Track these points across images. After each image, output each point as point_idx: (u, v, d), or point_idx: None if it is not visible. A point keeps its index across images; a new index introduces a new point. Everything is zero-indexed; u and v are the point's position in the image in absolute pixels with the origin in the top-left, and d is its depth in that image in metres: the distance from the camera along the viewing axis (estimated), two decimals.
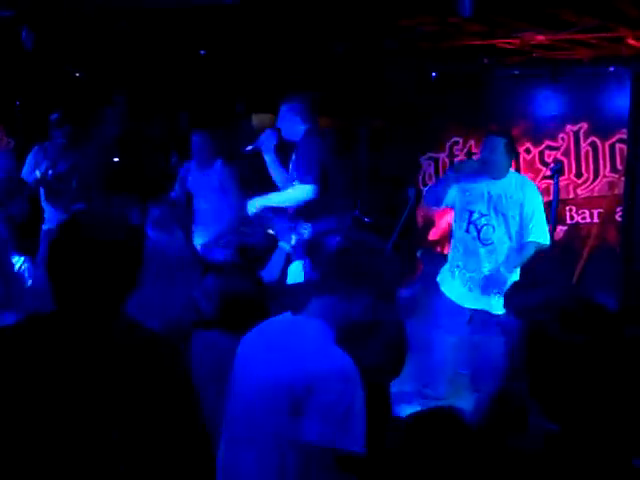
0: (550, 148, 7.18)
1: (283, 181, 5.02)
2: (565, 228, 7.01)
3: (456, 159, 7.54)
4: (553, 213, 5.55)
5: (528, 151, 7.23)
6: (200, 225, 5.98)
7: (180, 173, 6.35)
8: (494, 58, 6.65)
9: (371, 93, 7.24)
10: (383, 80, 7.16)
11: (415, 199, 6.82)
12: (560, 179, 5.89)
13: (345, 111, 7.25)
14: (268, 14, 5.13)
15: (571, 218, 7.10)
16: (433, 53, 6.61)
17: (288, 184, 4.94)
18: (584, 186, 7.08)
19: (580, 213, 7.08)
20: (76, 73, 7.28)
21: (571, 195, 7.08)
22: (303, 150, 4.85)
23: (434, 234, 7.22)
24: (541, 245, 4.91)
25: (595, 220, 6.99)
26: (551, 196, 5.73)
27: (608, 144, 6.95)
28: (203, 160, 6.07)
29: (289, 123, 4.94)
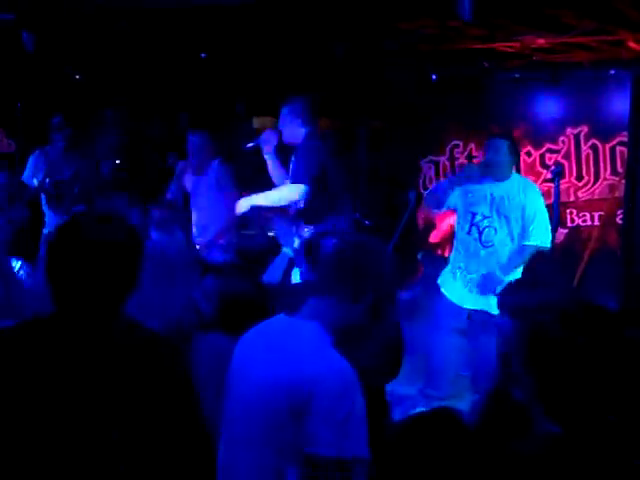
0: (551, 151, 7.19)
1: (282, 182, 5.02)
2: (566, 231, 7.02)
3: (456, 162, 7.56)
4: (554, 216, 5.55)
5: (529, 154, 7.24)
6: (197, 225, 5.97)
7: (175, 173, 6.33)
8: (494, 61, 6.64)
9: (371, 94, 7.24)
10: (383, 81, 7.15)
11: (416, 202, 6.81)
12: (561, 182, 5.88)
13: (345, 112, 7.26)
14: (268, 15, 5.14)
15: (572, 221, 7.10)
16: (433, 56, 6.61)
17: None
18: (585, 189, 7.09)
19: (581, 216, 7.08)
20: (76, 76, 7.29)
21: (572, 198, 7.09)
22: (303, 152, 4.85)
23: (435, 237, 7.22)
24: (541, 248, 4.91)
25: (596, 223, 7.00)
26: (552, 199, 5.73)
27: (609, 147, 6.96)
28: (200, 160, 6.06)
29: (290, 125, 4.94)
